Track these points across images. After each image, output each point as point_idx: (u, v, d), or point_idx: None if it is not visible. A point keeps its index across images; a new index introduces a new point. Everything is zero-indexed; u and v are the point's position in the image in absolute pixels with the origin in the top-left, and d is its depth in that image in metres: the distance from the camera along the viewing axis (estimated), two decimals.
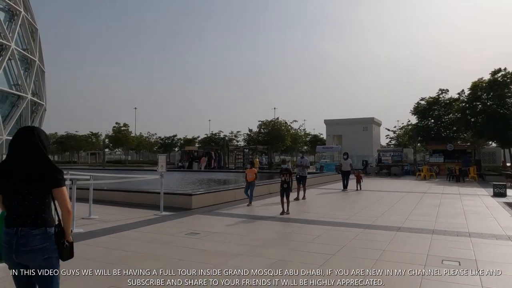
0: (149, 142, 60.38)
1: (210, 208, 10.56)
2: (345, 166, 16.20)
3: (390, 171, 29.03)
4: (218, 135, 58.97)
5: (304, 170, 12.75)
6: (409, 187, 18.86)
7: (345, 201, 12.66)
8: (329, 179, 22.22)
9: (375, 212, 10.05)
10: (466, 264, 5.05)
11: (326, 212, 9.95)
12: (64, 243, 2.46)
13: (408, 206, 11.20)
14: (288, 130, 40.80)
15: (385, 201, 12.49)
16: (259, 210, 10.29)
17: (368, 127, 37.26)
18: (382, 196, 14.04)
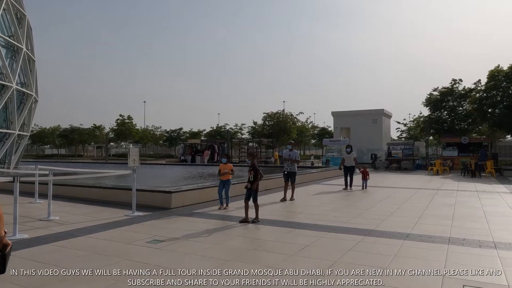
0: (154, 135, 59.50)
1: (192, 207, 9.33)
2: (348, 161, 13.92)
3: (401, 166, 27.48)
4: (224, 128, 57.85)
5: (293, 165, 10.89)
6: (420, 183, 17.38)
7: (346, 201, 11.25)
8: (334, 174, 20.80)
9: (380, 213, 8.70)
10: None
11: (321, 214, 8.59)
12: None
13: (419, 206, 9.81)
14: (294, 122, 39.34)
15: (392, 200, 11.09)
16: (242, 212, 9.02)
17: (377, 119, 35.62)
18: (390, 194, 12.63)
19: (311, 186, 14.98)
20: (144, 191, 9.46)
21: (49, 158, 49.12)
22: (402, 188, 14.52)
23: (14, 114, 23.42)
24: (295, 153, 11.10)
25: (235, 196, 10.64)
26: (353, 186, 13.81)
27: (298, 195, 11.73)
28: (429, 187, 14.99)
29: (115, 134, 52.75)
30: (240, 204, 9.65)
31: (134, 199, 8.42)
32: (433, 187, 14.94)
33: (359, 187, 14.00)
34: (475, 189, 14.41)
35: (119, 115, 52.70)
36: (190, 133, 59.14)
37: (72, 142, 56.10)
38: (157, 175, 21.59)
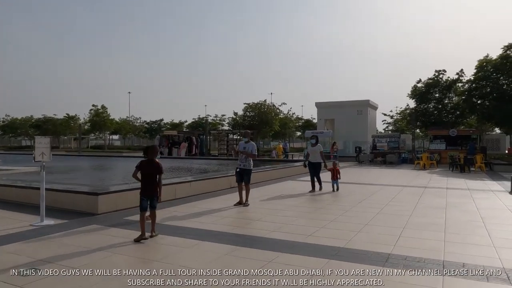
0: (133, 126, 57.15)
1: (127, 213, 7.51)
2: (313, 156, 10.90)
3: (386, 159, 26.01)
4: (206, 119, 55.91)
5: (248, 161, 8.67)
6: (406, 179, 15.83)
7: (317, 203, 9.36)
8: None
9: (354, 221, 7.00)
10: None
11: (282, 223, 6.79)
12: None
13: (404, 210, 8.16)
14: (277, 113, 37.56)
15: (372, 202, 9.42)
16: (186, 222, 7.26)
17: (363, 110, 34.03)
18: (370, 193, 10.99)
19: (283, 183, 13.29)
20: (62, 191, 7.60)
21: (22, 149, 46.48)
22: (385, 186, 12.91)
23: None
24: (251, 145, 8.91)
25: (176, 199, 8.88)
26: (323, 187, 11.09)
27: (262, 195, 10.01)
28: (416, 184, 13.43)
29: (90, 125, 50.20)
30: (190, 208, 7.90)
31: (42, 204, 6.55)
32: (420, 184, 13.39)
33: (330, 189, 11.03)
34: (467, 186, 12.89)
35: (92, 105, 50.08)
36: (171, 124, 57.02)
37: (46, 133, 53.33)
38: (115, 170, 19.65)
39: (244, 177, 8.78)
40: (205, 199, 9.28)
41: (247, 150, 8.79)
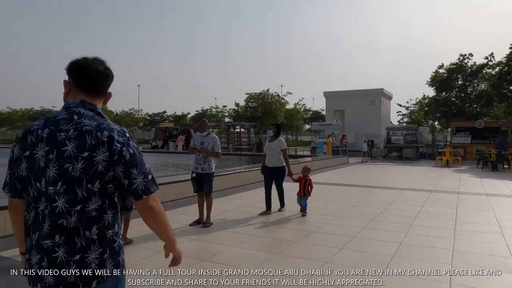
0: (134, 119, 54.92)
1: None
2: (270, 157, 6.89)
3: (402, 154, 22.99)
4: (210, 111, 53.28)
5: (208, 162, 5.99)
6: (429, 179, 12.89)
7: (264, 243, 6.78)
8: (321, 165, 16.40)
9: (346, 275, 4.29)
10: None
11: (233, 265, 4.17)
12: None
13: (438, 241, 5.33)
14: (282, 104, 34.64)
15: (379, 228, 6.61)
16: None
17: (376, 100, 30.95)
18: (382, 204, 8.17)
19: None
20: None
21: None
22: (404, 190, 10.04)
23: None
24: (212, 139, 6.10)
25: None
26: (285, 206, 7.07)
27: (232, 207, 7.28)
28: (444, 188, 10.52)
29: None
30: None
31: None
32: (449, 188, 10.49)
33: (292, 209, 6.95)
34: (511, 191, 9.97)
35: None
36: (173, 117, 54.52)
37: None
38: None
39: (203, 185, 6.04)
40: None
41: (205, 147, 6.05)
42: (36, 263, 1.45)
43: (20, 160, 1.49)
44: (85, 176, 1.43)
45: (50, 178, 1.44)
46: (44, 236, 1.44)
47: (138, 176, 1.49)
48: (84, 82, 1.56)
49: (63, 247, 1.42)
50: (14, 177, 1.53)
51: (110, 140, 1.46)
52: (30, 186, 1.48)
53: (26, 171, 1.48)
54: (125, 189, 1.50)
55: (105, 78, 1.62)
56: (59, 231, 1.42)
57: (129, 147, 1.49)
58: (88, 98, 1.57)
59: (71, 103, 1.54)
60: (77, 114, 1.49)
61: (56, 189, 1.43)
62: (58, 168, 1.43)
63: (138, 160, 1.50)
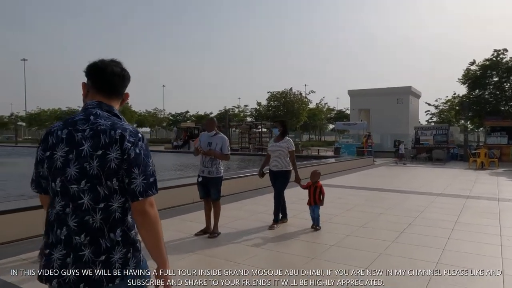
0: (157, 119, 55.26)
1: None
2: (275, 159, 5.98)
3: (432, 155, 21.73)
4: (233, 110, 52.96)
5: (215, 164, 5.34)
6: (464, 184, 11.84)
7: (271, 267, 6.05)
8: (345, 166, 15.56)
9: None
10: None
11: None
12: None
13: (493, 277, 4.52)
14: (305, 103, 33.74)
15: (413, 239, 5.80)
16: None
17: (403, 98, 29.67)
18: (410, 217, 7.33)
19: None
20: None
21: None
22: (435, 196, 9.12)
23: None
24: (221, 139, 5.44)
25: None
26: (288, 217, 6.18)
27: (244, 213, 6.62)
28: (482, 194, 9.50)
29: None
30: None
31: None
32: (489, 194, 9.47)
33: (304, 220, 6.07)
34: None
35: None
36: (196, 116, 54.51)
37: None
38: None
39: (210, 191, 5.41)
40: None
41: (213, 148, 5.42)
42: (59, 259, 1.47)
43: (43, 160, 1.55)
44: (102, 173, 1.46)
45: (72, 176, 1.48)
46: (71, 234, 1.47)
47: (139, 176, 1.49)
48: (101, 84, 1.61)
49: (89, 247, 1.46)
50: (39, 176, 1.60)
51: (122, 138, 1.48)
52: (49, 185, 1.55)
53: (47, 171, 1.54)
54: (125, 188, 1.49)
55: (122, 80, 1.65)
56: (85, 229, 1.46)
57: (137, 147, 1.50)
58: (105, 100, 1.61)
59: (89, 105, 1.59)
60: (93, 115, 1.54)
61: (80, 187, 1.47)
62: (79, 167, 1.47)
63: (142, 160, 1.50)
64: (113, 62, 1.64)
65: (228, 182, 9.18)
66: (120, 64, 1.65)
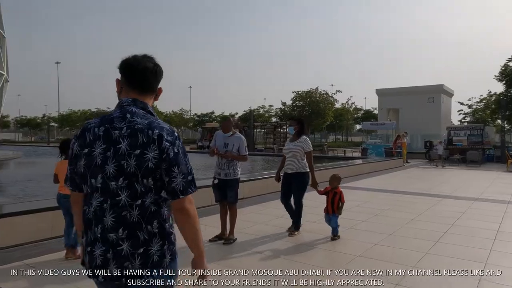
0: (183, 119, 55.76)
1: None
2: (290, 161, 5.45)
3: (466, 157, 20.62)
4: (258, 111, 52.72)
5: (233, 166, 5.01)
6: (502, 187, 10.97)
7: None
8: (373, 168, 14.90)
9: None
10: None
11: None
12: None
13: None
14: (331, 103, 33.00)
15: (450, 250, 5.24)
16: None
17: (435, 97, 28.46)
18: (445, 225, 6.71)
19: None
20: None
21: None
22: (472, 201, 8.41)
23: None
24: (238, 139, 5.11)
25: None
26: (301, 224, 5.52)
27: (265, 217, 6.22)
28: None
29: None
30: None
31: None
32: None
33: (320, 232, 5.39)
34: None
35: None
36: (221, 117, 54.60)
37: None
38: None
39: (227, 194, 5.05)
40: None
41: (230, 149, 5.07)
42: (100, 255, 1.51)
43: (79, 156, 1.56)
44: (139, 172, 1.48)
45: (111, 174, 1.50)
46: (108, 229, 1.50)
47: (178, 175, 1.52)
48: (134, 80, 1.61)
49: (127, 241, 1.49)
50: (74, 172, 1.60)
51: (160, 138, 1.50)
52: (86, 182, 1.55)
53: (84, 168, 1.54)
54: (165, 187, 1.52)
55: (154, 75, 1.65)
56: (123, 224, 1.49)
57: (175, 146, 1.53)
58: (139, 96, 1.61)
59: (124, 102, 1.60)
60: (129, 112, 1.55)
61: (118, 184, 1.50)
62: (116, 165, 1.49)
63: (181, 159, 1.53)
64: (146, 57, 1.64)
65: (249, 184, 8.87)
66: (153, 59, 1.65)
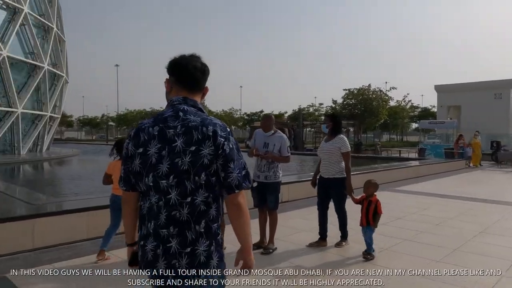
0: (232, 118, 56.27)
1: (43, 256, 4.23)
2: (326, 164, 4.78)
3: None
4: (307, 109, 51.82)
5: (273, 168, 4.57)
6: None
7: None
8: (432, 170, 13.75)
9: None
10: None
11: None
12: None
13: None
14: (385, 100, 31.42)
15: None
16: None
17: (502, 93, 26.02)
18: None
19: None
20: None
21: None
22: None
23: (46, 96, 21.40)
24: (279, 139, 4.60)
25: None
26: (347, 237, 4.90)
27: (309, 224, 5.66)
28: None
29: None
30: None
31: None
32: None
33: (354, 244, 4.78)
34: None
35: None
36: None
37: None
38: None
39: (267, 198, 4.62)
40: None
41: (270, 149, 4.61)
42: (151, 250, 1.57)
43: (134, 156, 1.60)
44: (192, 169, 1.52)
45: (163, 172, 1.55)
46: (161, 226, 1.55)
47: (234, 170, 1.57)
48: (184, 79, 1.67)
49: (176, 239, 1.54)
50: (128, 172, 1.63)
51: (214, 134, 1.55)
52: (141, 180, 1.60)
53: (139, 167, 1.59)
54: (220, 182, 1.57)
55: (203, 74, 1.71)
56: (174, 222, 1.55)
57: (229, 141, 1.58)
58: (189, 95, 1.67)
59: (175, 101, 1.65)
60: (181, 111, 1.60)
61: (169, 182, 1.54)
62: (170, 163, 1.54)
63: (236, 154, 1.58)
64: (193, 57, 1.69)
65: (295, 186, 8.39)
66: (200, 59, 1.70)
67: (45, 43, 21.46)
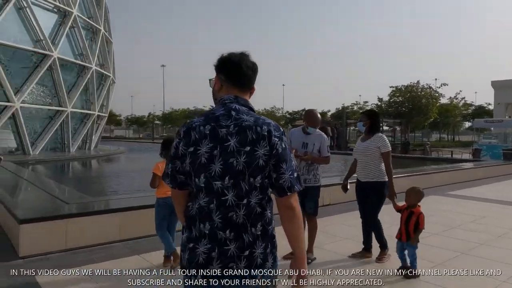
0: (274, 117, 56.02)
1: (78, 256, 4.17)
2: (363, 166, 4.27)
3: None
4: (352, 108, 50.46)
5: (313, 170, 4.19)
6: None
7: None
8: (489, 173, 12.65)
9: None
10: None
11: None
12: None
13: None
14: (435, 97, 29.71)
15: None
16: None
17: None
18: None
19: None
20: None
21: None
22: None
23: (94, 95, 22.31)
24: (319, 139, 4.23)
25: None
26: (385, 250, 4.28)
27: (352, 230, 5.19)
28: None
29: None
30: None
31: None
32: None
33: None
34: None
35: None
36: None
37: None
38: None
39: (305, 204, 4.19)
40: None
41: (309, 150, 4.21)
42: (204, 253, 1.52)
43: (185, 155, 1.55)
44: (247, 169, 1.49)
45: (217, 173, 1.50)
46: (218, 227, 1.51)
47: (286, 172, 1.53)
48: (235, 77, 1.62)
49: (234, 243, 1.51)
50: (176, 171, 1.59)
51: (269, 134, 1.51)
52: (191, 180, 1.55)
53: (189, 166, 1.54)
54: (272, 184, 1.54)
55: (254, 72, 1.67)
56: (230, 225, 1.50)
57: (283, 141, 1.54)
58: (240, 93, 1.62)
59: (226, 99, 1.60)
60: (234, 110, 1.56)
61: (224, 183, 1.49)
62: (223, 163, 1.49)
63: (288, 155, 1.54)
64: (244, 55, 1.64)
65: (337, 188, 7.90)
66: (250, 57, 1.66)
67: (93, 45, 22.37)
